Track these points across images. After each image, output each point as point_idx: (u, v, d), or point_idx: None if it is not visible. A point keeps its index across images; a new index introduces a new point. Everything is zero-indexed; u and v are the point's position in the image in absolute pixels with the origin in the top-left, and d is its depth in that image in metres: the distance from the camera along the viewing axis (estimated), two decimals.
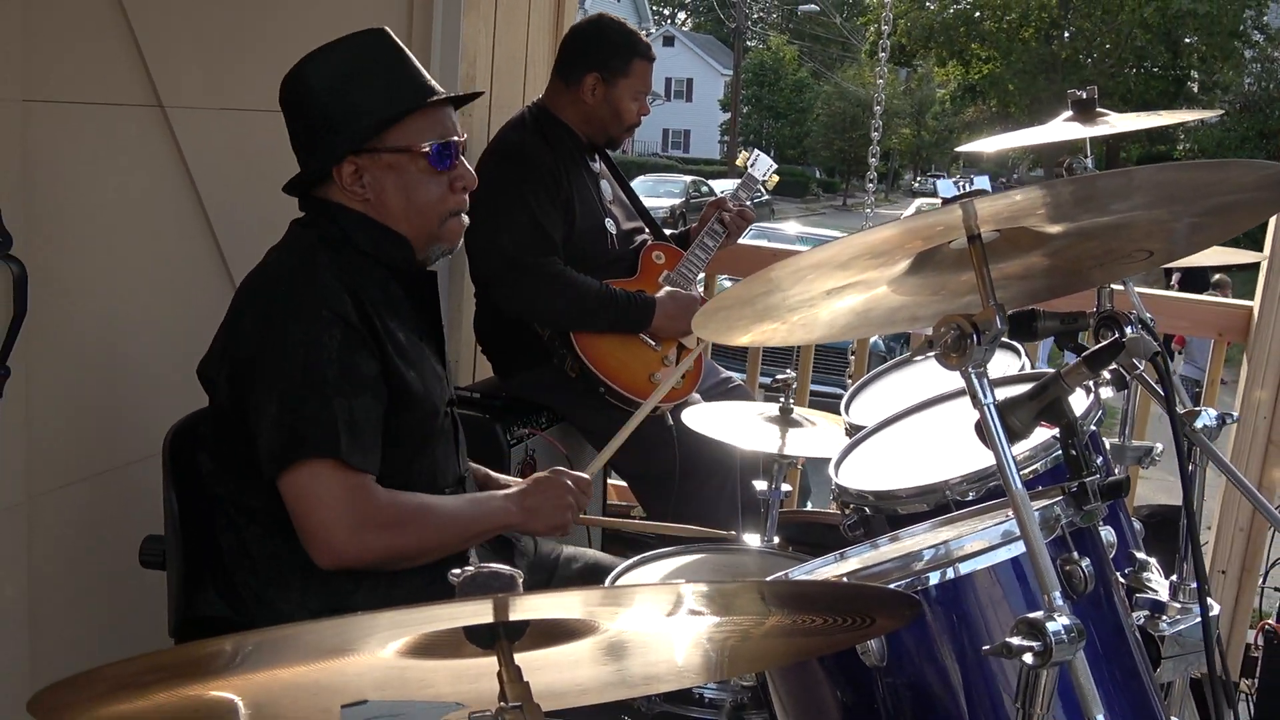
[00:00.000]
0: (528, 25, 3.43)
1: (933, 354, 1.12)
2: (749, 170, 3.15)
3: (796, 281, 1.17)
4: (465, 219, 1.87)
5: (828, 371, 7.15)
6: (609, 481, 3.32)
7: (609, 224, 2.90)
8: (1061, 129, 2.22)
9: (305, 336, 1.68)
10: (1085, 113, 2.23)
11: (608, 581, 1.86)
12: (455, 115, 1.87)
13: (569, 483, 1.89)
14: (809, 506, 4.17)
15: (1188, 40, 25.41)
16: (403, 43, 1.87)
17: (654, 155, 38.46)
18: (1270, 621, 2.48)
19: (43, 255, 2.03)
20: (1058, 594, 1.06)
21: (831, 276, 1.19)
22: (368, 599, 1.75)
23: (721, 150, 42.05)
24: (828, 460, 1.94)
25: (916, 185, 43.13)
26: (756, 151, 3.21)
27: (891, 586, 1.18)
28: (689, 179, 27.82)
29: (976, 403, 1.12)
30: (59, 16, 2.07)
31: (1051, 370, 1.29)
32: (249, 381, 1.70)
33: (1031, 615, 1.04)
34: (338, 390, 1.68)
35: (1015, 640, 1.03)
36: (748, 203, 3.13)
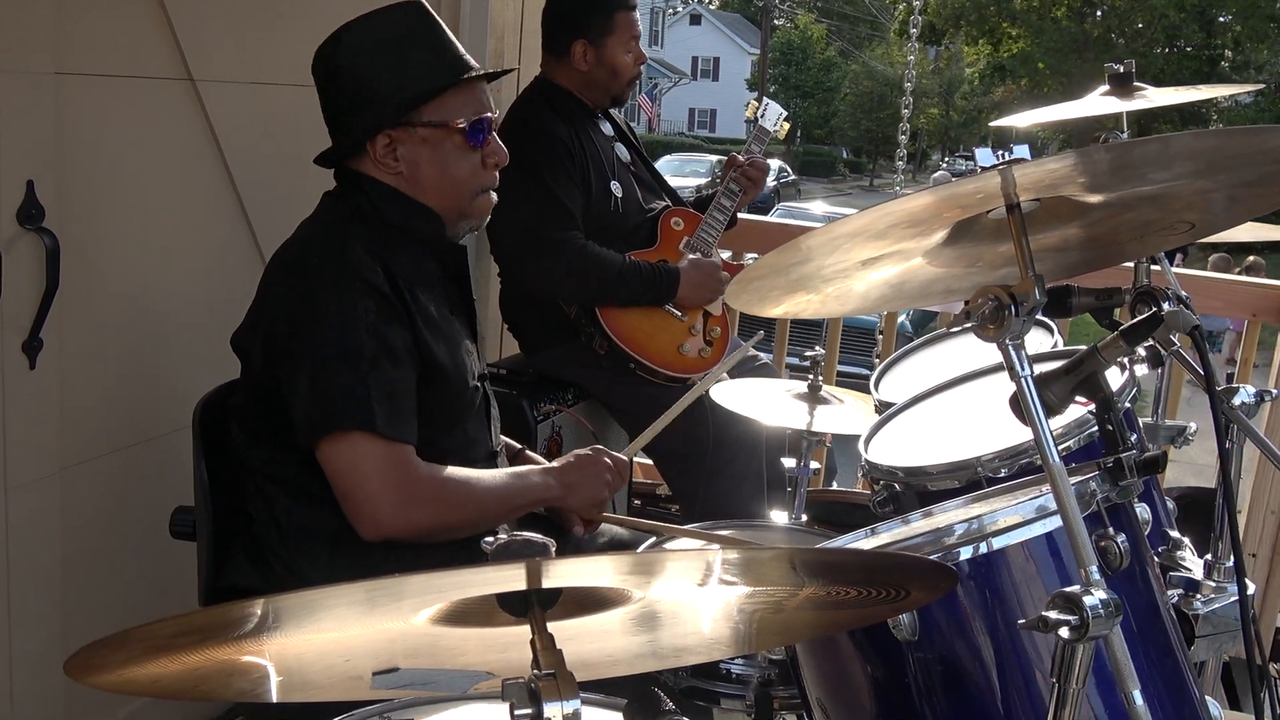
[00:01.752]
0: None
1: (967, 326, 1.12)
2: (759, 121, 3.10)
3: (831, 251, 1.16)
4: (494, 195, 1.88)
5: (855, 352, 7.12)
6: (634, 460, 3.32)
7: (614, 187, 2.84)
8: (1098, 103, 2.19)
9: (339, 307, 1.68)
10: (1122, 87, 2.19)
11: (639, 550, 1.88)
12: (489, 91, 1.86)
13: (608, 461, 1.92)
14: (834, 486, 4.24)
15: (1222, 20, 25.05)
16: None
17: (680, 135, 38.24)
18: None
19: (75, 228, 2.05)
20: (1094, 568, 1.04)
21: (867, 246, 1.18)
22: (397, 567, 1.76)
23: (748, 130, 41.94)
24: (855, 438, 1.92)
25: (945, 166, 42.89)
26: (766, 100, 3.15)
27: None
28: (715, 159, 27.83)
29: (1014, 375, 1.10)
30: None
31: (1084, 347, 1.28)
32: (284, 353, 1.70)
33: (1068, 589, 1.03)
34: (373, 362, 1.68)
35: (1052, 614, 1.02)
36: (759, 154, 3.05)
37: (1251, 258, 11.23)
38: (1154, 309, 1.31)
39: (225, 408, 1.87)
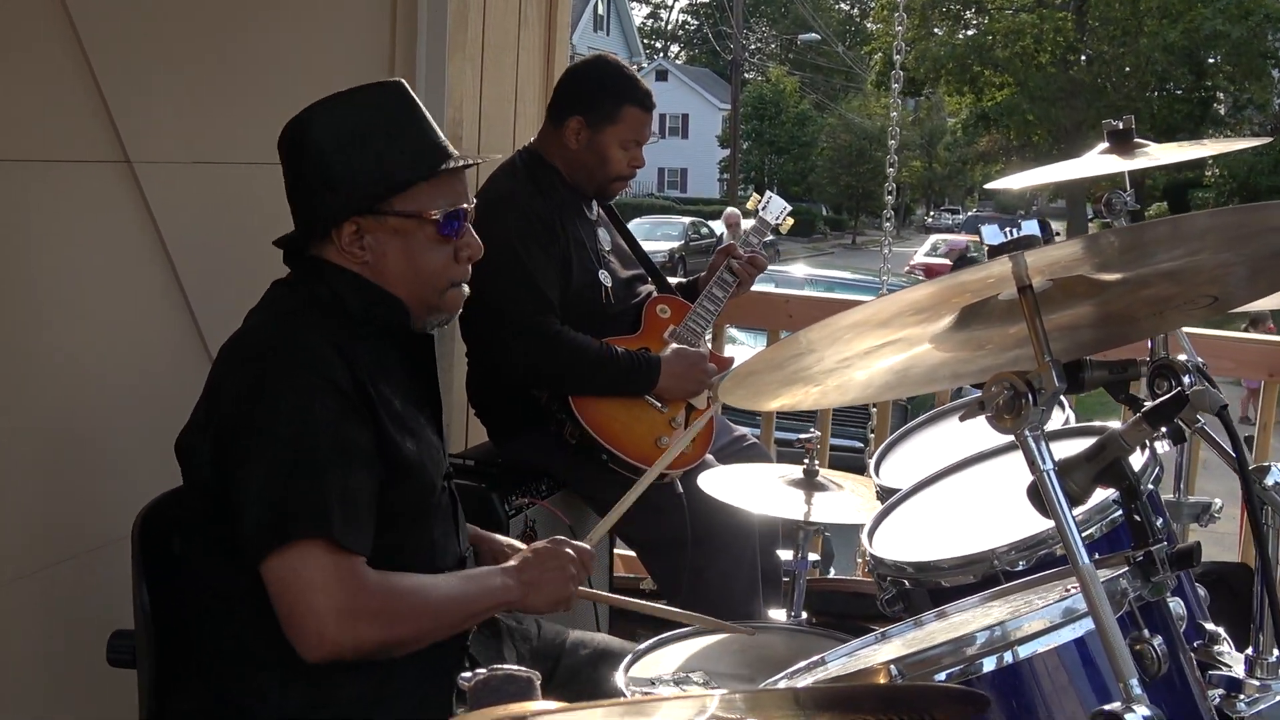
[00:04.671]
0: (516, 66, 3.46)
1: (983, 415, 1.12)
2: (760, 213, 3.15)
3: (832, 343, 1.17)
4: (466, 289, 1.89)
5: (846, 424, 7.14)
6: (615, 551, 3.27)
7: (603, 276, 2.88)
8: (1098, 162, 2.21)
9: (295, 405, 1.67)
10: (1122, 144, 2.22)
11: (621, 669, 1.83)
12: (465, 178, 1.89)
13: (569, 552, 1.88)
14: (832, 573, 4.21)
15: (1211, 61, 25.77)
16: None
17: (650, 196, 38.68)
18: None
19: (3, 322, 2.02)
20: (1134, 681, 1.03)
21: (870, 335, 1.19)
22: (359, 694, 1.72)
23: (721, 189, 42.28)
24: (856, 527, 1.92)
25: (930, 220, 43.42)
26: (769, 194, 3.21)
27: (944, 675, 1.14)
28: (688, 220, 27.70)
29: (1034, 469, 1.10)
30: (23, 72, 2.08)
31: (1104, 425, 1.28)
32: (233, 456, 1.68)
33: (1108, 708, 1.01)
34: (331, 464, 1.67)
35: None
36: (759, 248, 3.11)
37: (1256, 308, 11.40)
38: (1177, 387, 1.31)
39: (168, 519, 1.82)
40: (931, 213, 45.41)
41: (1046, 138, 27.05)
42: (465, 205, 1.84)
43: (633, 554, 3.14)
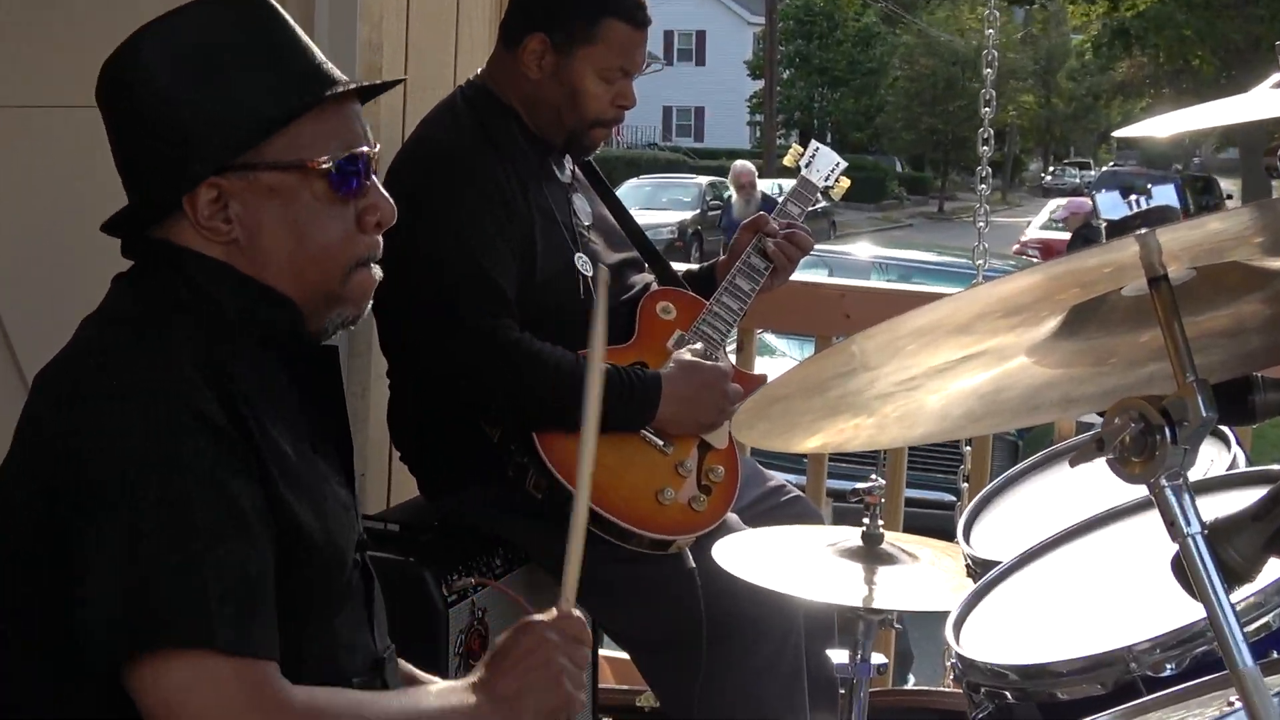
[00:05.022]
0: None
1: (1103, 458, 1.13)
2: (803, 172, 3.14)
3: (892, 355, 1.17)
4: (378, 271, 1.88)
5: (931, 468, 7.12)
6: (601, 652, 3.26)
7: (580, 262, 2.90)
8: (1273, 100, 2.22)
9: (156, 453, 1.65)
10: None
11: None
12: (362, 114, 1.87)
13: (551, 636, 1.83)
14: (910, 681, 4.12)
15: None
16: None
17: (651, 147, 38.27)
18: None
19: None
20: None
21: (944, 346, 1.19)
22: None
23: (752, 136, 42.08)
24: (940, 615, 1.91)
25: (1049, 178, 43.20)
26: (817, 145, 3.19)
27: None
28: (704, 181, 27.22)
29: (1175, 532, 1.11)
30: None
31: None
32: (69, 524, 1.64)
33: None
34: (211, 537, 1.65)
35: None
36: (801, 220, 3.10)
37: None
38: None
39: None
40: (1051, 168, 45.24)
41: (1211, 61, 27.02)
42: (365, 149, 1.83)
43: (625, 656, 3.13)
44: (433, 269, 2.71)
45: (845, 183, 3.20)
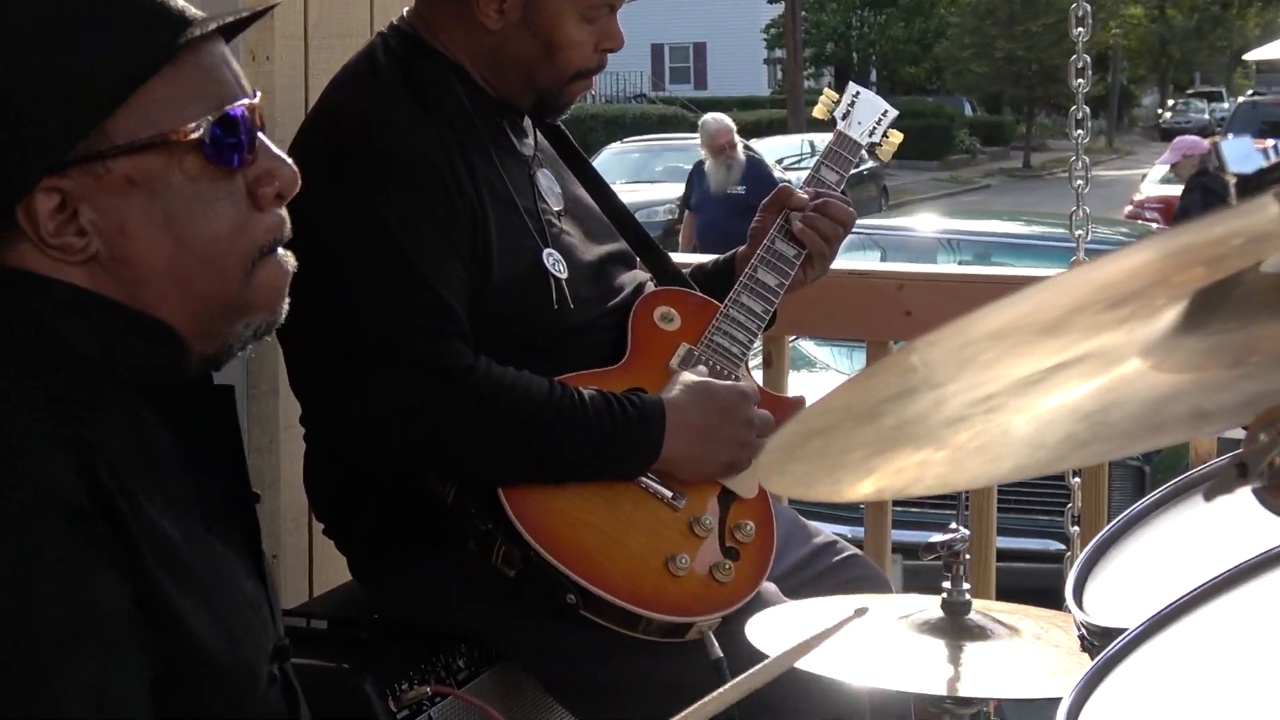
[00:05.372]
0: None
1: (1247, 487, 1.19)
2: (840, 125, 3.20)
3: (963, 366, 1.20)
4: (289, 259, 1.93)
5: (1029, 510, 7.11)
6: None
7: (550, 259, 2.90)
8: None
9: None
10: None
11: None
12: (231, 58, 1.91)
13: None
14: None
15: None
16: None
17: (638, 99, 37.21)
18: None
19: None
20: None
21: (1031, 351, 1.21)
22: None
23: (771, 78, 41.19)
24: (1048, 704, 1.94)
25: (1167, 117, 43.06)
26: (856, 89, 3.26)
27: None
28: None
29: None
30: None
31: None
32: None
33: None
34: (61, 656, 1.71)
35: None
36: (839, 189, 3.14)
37: None
38: None
39: None
40: (1170, 102, 45.14)
41: None
42: (243, 103, 1.86)
43: None
44: (354, 280, 2.73)
45: (897, 137, 3.26)
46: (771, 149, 24.29)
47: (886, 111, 3.26)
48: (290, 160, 1.90)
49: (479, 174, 2.85)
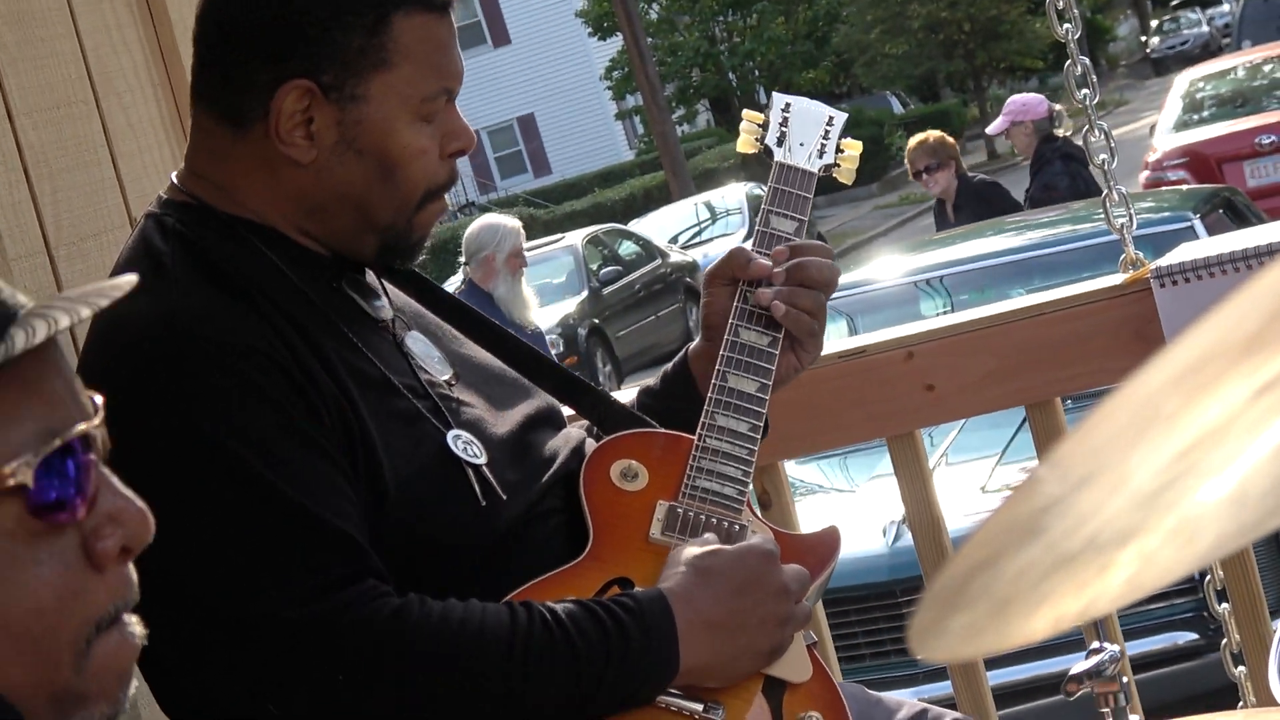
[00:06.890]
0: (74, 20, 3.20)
1: None
2: (778, 154, 2.80)
3: (1140, 431, 1.19)
4: (135, 631, 1.74)
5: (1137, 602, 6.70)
6: None
7: (458, 442, 2.50)
8: None
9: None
10: None
11: None
12: (67, 363, 1.96)
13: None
14: None
15: None
16: None
17: (464, 211, 27.03)
18: None
19: None
20: None
21: (1227, 379, 1.17)
22: None
23: (631, 136, 32.71)
24: None
25: (1155, 44, 41.89)
26: (782, 100, 2.86)
27: None
28: (577, 239, 21.86)
29: None
30: None
31: None
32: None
33: None
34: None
35: None
36: (788, 229, 2.78)
37: None
38: None
39: None
40: (1155, 24, 43.76)
41: None
42: (80, 426, 1.67)
43: None
44: (211, 543, 2.41)
45: (855, 147, 2.91)
46: (661, 227, 22.49)
47: (832, 118, 2.93)
48: (138, 500, 1.68)
49: (332, 359, 2.52)
